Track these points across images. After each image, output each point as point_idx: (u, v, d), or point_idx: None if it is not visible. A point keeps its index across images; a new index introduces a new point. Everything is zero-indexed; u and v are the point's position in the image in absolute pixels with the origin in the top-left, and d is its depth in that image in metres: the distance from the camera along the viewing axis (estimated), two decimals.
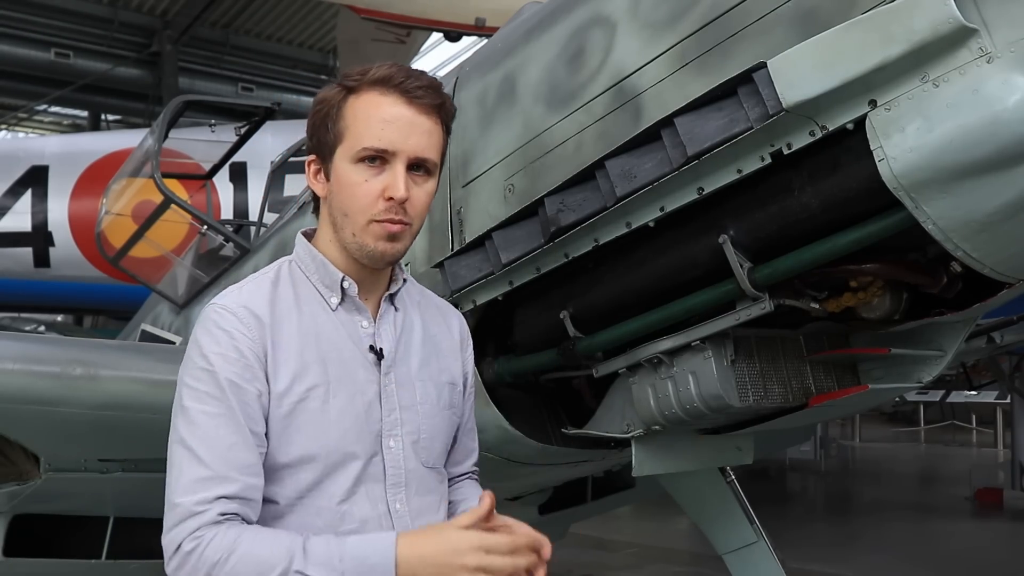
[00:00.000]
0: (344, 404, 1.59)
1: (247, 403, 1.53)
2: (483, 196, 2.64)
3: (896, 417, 28.25)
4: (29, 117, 18.10)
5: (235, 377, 1.53)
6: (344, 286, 1.64)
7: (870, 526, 11.33)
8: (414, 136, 1.57)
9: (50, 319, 13.90)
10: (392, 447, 1.63)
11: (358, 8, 11.20)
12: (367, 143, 1.56)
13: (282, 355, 1.57)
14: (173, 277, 5.52)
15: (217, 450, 1.49)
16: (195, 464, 1.49)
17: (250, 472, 1.51)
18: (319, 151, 1.64)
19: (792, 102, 1.81)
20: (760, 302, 2.10)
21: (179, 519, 1.46)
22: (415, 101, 1.58)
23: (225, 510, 1.46)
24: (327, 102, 1.62)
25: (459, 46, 12.48)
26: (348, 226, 1.60)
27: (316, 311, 1.63)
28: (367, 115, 1.57)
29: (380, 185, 1.57)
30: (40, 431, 2.83)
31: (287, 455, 1.56)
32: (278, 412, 1.56)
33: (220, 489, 1.47)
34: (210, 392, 1.52)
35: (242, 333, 1.55)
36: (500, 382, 2.72)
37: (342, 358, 1.61)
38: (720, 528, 3.63)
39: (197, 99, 7.63)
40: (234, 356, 1.54)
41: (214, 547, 1.43)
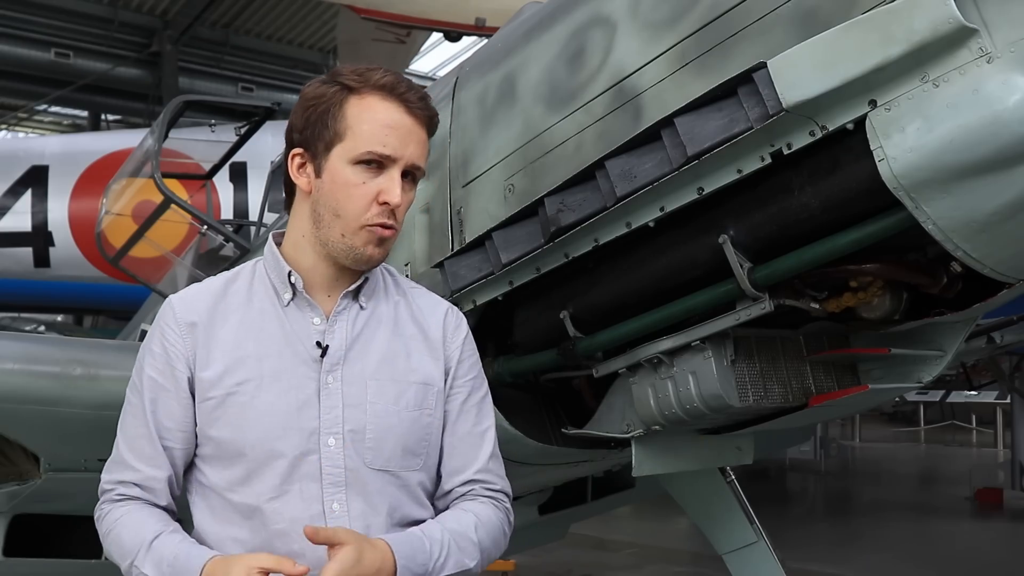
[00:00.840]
0: (272, 400, 1.61)
1: (161, 400, 1.66)
2: (483, 196, 2.64)
3: (896, 417, 28.27)
4: (29, 117, 18.09)
5: (155, 374, 1.66)
6: (292, 280, 1.66)
7: (870, 526, 11.33)
8: (412, 145, 1.63)
9: (50, 319, 13.89)
10: (331, 445, 1.61)
11: (358, 8, 11.20)
12: (372, 147, 1.60)
13: (216, 351, 1.64)
14: (173, 277, 5.53)
15: (126, 439, 1.69)
16: (115, 448, 1.70)
17: (150, 463, 1.66)
18: (309, 145, 1.65)
19: (792, 102, 1.81)
20: (760, 302, 2.10)
21: (99, 492, 1.71)
22: (414, 112, 1.63)
23: (125, 492, 1.67)
24: (324, 98, 1.64)
25: (459, 46, 12.48)
26: (338, 226, 1.63)
27: (265, 307, 1.68)
28: (372, 118, 1.61)
29: (375, 189, 1.61)
30: (40, 431, 2.83)
31: (212, 447, 1.64)
32: (204, 406, 1.63)
33: (123, 474, 1.67)
34: (135, 385, 1.70)
35: (173, 332, 1.66)
36: (500, 382, 2.72)
37: (281, 354, 1.64)
38: (720, 528, 3.63)
39: (197, 99, 7.63)
40: (160, 353, 1.66)
41: (105, 522, 1.67)
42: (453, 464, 1.76)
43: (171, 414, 1.65)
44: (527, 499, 3.84)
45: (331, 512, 1.60)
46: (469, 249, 2.57)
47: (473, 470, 1.77)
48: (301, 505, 1.59)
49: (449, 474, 1.76)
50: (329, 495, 1.61)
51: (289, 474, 1.60)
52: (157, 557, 1.58)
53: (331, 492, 1.61)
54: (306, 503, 1.59)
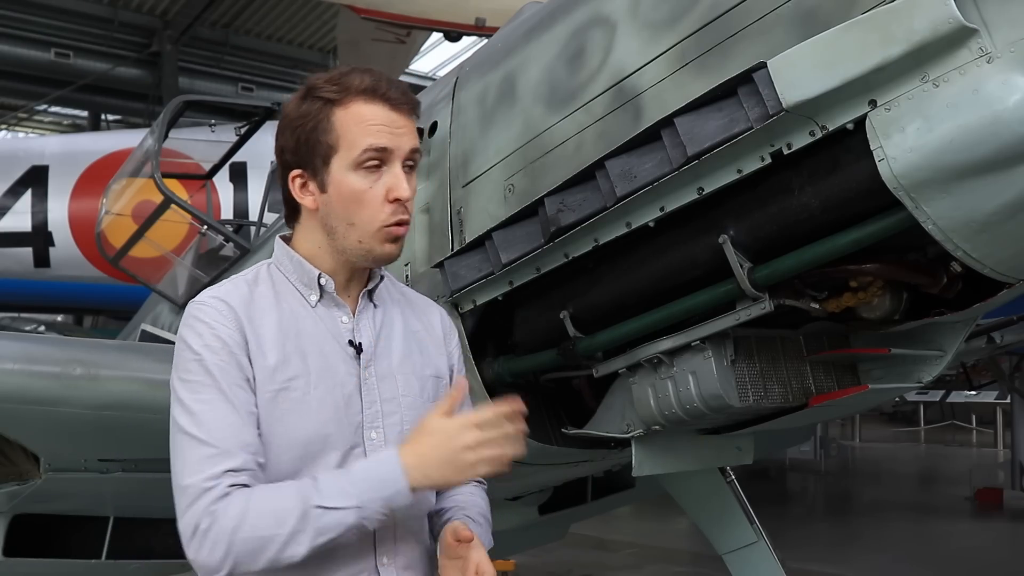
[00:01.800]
0: (324, 395, 1.64)
1: (237, 385, 1.58)
2: (483, 196, 2.64)
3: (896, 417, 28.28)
4: (29, 117, 18.08)
5: (223, 363, 1.59)
6: (322, 283, 1.70)
7: (870, 526, 11.34)
8: (403, 136, 1.67)
9: (50, 319, 13.90)
10: (374, 439, 1.67)
11: (358, 8, 11.20)
12: (369, 143, 1.63)
13: (264, 345, 1.62)
14: (173, 277, 5.52)
15: (217, 430, 1.54)
16: (198, 446, 1.53)
17: (250, 449, 1.56)
18: (306, 164, 1.68)
19: (792, 102, 1.81)
20: (760, 302, 2.10)
21: (192, 499, 1.51)
22: (398, 107, 1.67)
23: (234, 482, 1.51)
24: (310, 116, 1.66)
25: (459, 46, 12.48)
26: (354, 234, 1.66)
27: (296, 308, 1.69)
28: (360, 122, 1.64)
29: (383, 188, 1.65)
30: (40, 431, 2.83)
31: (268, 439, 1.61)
32: (263, 397, 1.61)
33: (226, 463, 1.52)
34: (201, 381, 1.58)
35: (220, 323, 1.61)
36: (500, 382, 2.72)
37: (322, 352, 1.66)
38: (720, 528, 3.63)
39: (197, 99, 7.61)
40: (217, 345, 1.59)
41: (228, 515, 1.48)
42: None
43: (250, 399, 1.59)
44: (527, 499, 3.84)
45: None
46: (469, 249, 2.57)
47: None
48: None
49: None
50: None
51: (339, 466, 1.63)
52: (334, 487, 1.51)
53: None
54: None
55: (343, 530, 1.51)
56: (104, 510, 3.26)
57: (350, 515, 1.50)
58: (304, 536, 1.48)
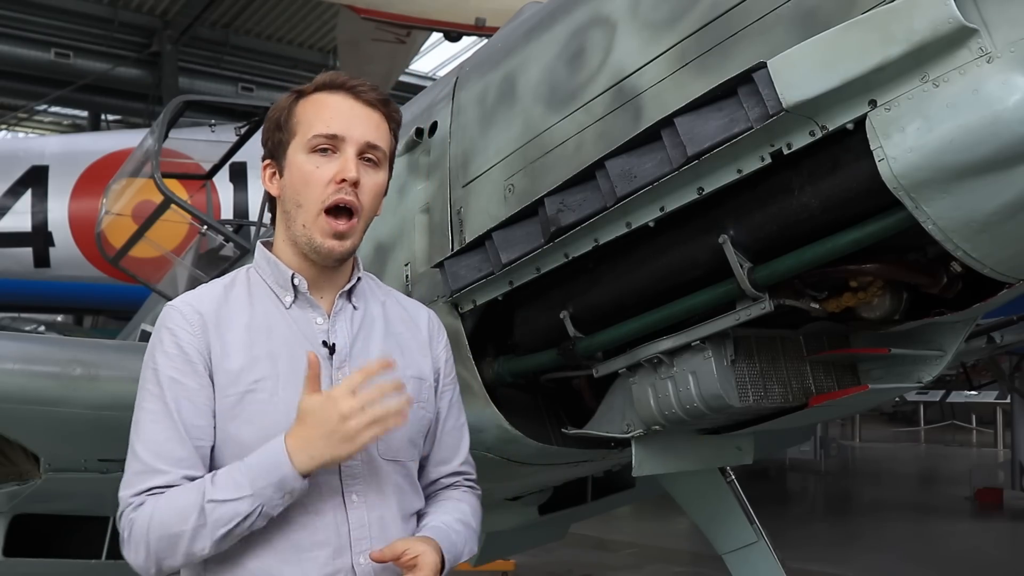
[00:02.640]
0: (292, 396, 1.64)
1: (185, 398, 1.63)
2: (483, 196, 2.64)
3: (896, 417, 28.29)
4: (29, 117, 18.08)
5: (175, 373, 1.64)
6: (295, 283, 1.72)
7: (870, 526, 11.34)
8: (361, 124, 1.69)
9: (50, 319, 13.90)
10: None
11: (358, 8, 11.20)
12: (317, 130, 1.68)
13: (231, 349, 1.66)
14: (173, 277, 5.52)
15: (151, 445, 1.62)
16: (133, 460, 1.64)
17: (182, 465, 1.61)
18: (273, 154, 1.75)
19: (792, 102, 1.81)
20: (760, 302, 2.10)
21: (120, 510, 1.63)
22: (360, 96, 1.71)
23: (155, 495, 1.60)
24: (279, 108, 1.75)
25: (459, 46, 12.49)
26: (300, 216, 1.69)
27: (269, 309, 1.72)
28: (316, 110, 1.70)
29: (332, 170, 1.67)
30: (40, 431, 2.83)
31: (235, 444, 1.64)
32: (224, 403, 1.64)
33: (151, 481, 1.60)
34: (151, 391, 1.65)
35: (183, 329, 1.66)
36: (500, 382, 2.72)
37: (293, 353, 1.68)
38: (720, 528, 3.63)
39: (197, 99, 7.61)
40: (174, 352, 1.65)
41: (141, 519, 1.58)
42: (441, 455, 1.88)
43: (199, 410, 1.64)
44: (527, 499, 3.84)
45: (351, 502, 1.66)
46: (469, 249, 2.57)
47: (458, 462, 1.91)
48: (321, 497, 1.64)
49: (436, 464, 1.88)
50: (348, 487, 1.67)
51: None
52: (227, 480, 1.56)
53: (349, 484, 1.67)
54: (326, 495, 1.64)
55: (241, 520, 1.54)
56: (104, 510, 3.26)
57: (243, 505, 1.54)
58: (205, 530, 1.54)
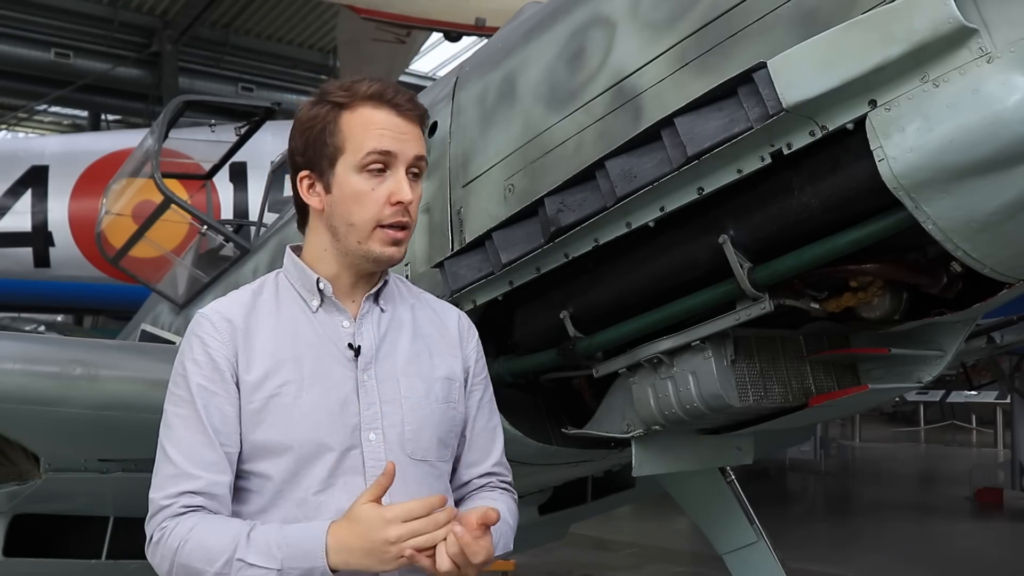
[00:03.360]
0: (317, 399, 1.66)
1: (214, 404, 1.65)
2: (483, 196, 2.64)
3: (896, 417, 28.28)
4: (29, 117, 18.09)
5: (204, 381, 1.66)
6: (320, 287, 1.74)
7: (870, 526, 11.34)
8: (409, 142, 1.71)
9: (50, 319, 13.90)
10: (372, 440, 1.68)
11: (358, 8, 11.21)
12: (373, 146, 1.67)
13: (256, 355, 1.68)
14: (173, 277, 5.53)
15: (183, 449, 1.64)
16: (166, 462, 1.65)
17: (213, 469, 1.63)
18: (314, 166, 1.73)
19: (792, 102, 1.81)
20: (760, 302, 2.10)
21: (152, 512, 1.63)
22: (405, 113, 1.71)
23: (189, 503, 1.61)
24: (319, 119, 1.72)
25: (459, 46, 12.50)
26: (353, 235, 1.70)
27: (296, 314, 1.74)
28: (366, 125, 1.69)
29: (385, 191, 1.68)
30: (40, 431, 2.83)
31: (260, 447, 1.66)
32: (250, 407, 1.66)
33: (184, 485, 1.62)
34: (182, 396, 1.67)
35: (212, 338, 1.68)
36: (500, 382, 2.71)
37: (318, 356, 1.70)
38: (720, 528, 3.63)
39: (197, 99, 7.62)
40: (203, 360, 1.67)
41: (174, 535, 1.58)
42: (472, 457, 1.88)
43: (225, 417, 1.66)
44: (527, 499, 3.84)
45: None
46: (469, 249, 2.57)
47: (490, 463, 1.89)
48: (345, 498, 1.63)
49: (467, 466, 1.87)
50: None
51: (335, 468, 1.66)
52: (262, 544, 1.55)
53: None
54: (350, 495, 1.63)
55: None
56: (104, 510, 3.26)
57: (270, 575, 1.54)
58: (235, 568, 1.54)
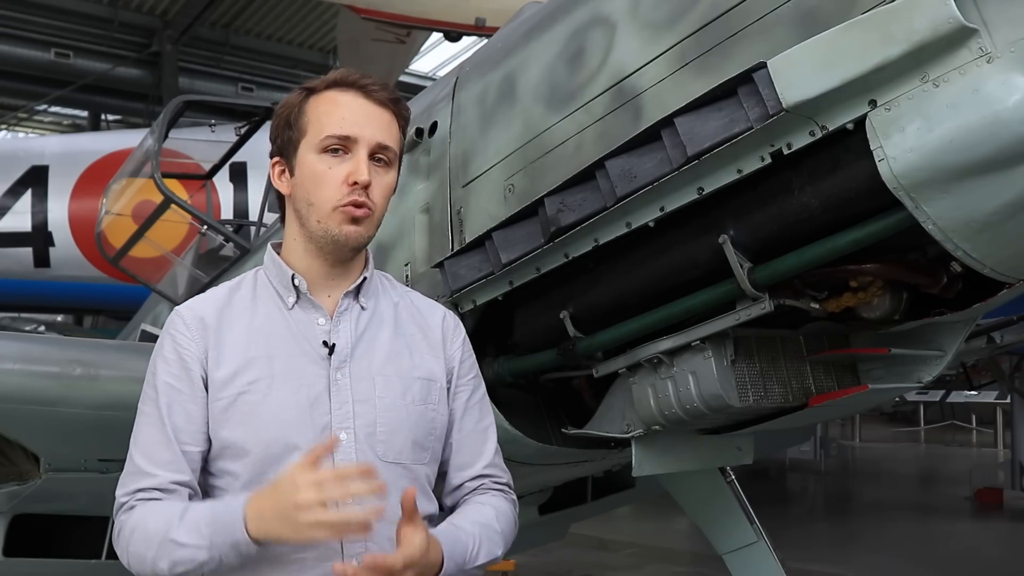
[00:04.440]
0: (286, 397, 1.65)
1: (179, 402, 1.66)
2: (483, 196, 2.64)
3: (896, 417, 28.28)
4: (29, 117, 18.08)
5: (171, 379, 1.67)
6: (296, 283, 1.72)
7: (870, 526, 11.33)
8: (373, 125, 1.68)
9: (50, 319, 13.89)
10: (343, 439, 1.65)
11: (358, 8, 11.20)
12: (330, 131, 1.67)
13: (226, 352, 1.67)
14: (173, 277, 5.52)
15: (142, 448, 1.67)
16: (129, 460, 1.69)
17: (169, 468, 1.64)
18: (283, 151, 1.75)
19: (792, 102, 1.81)
20: (760, 302, 2.10)
21: (115, 511, 1.66)
22: (372, 95, 1.69)
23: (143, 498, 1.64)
24: (288, 105, 1.74)
25: (459, 46, 12.49)
26: (313, 214, 1.69)
27: (271, 311, 1.72)
28: (328, 108, 1.69)
29: (344, 172, 1.66)
30: (40, 431, 2.83)
31: (228, 445, 1.65)
32: (218, 404, 1.65)
33: (141, 482, 1.64)
34: (149, 394, 1.70)
35: (183, 335, 1.69)
36: (500, 382, 2.72)
37: (290, 354, 1.68)
38: (720, 528, 3.63)
39: (197, 99, 7.62)
40: (173, 358, 1.68)
41: (127, 527, 1.62)
42: (461, 460, 1.83)
43: (189, 416, 1.66)
44: (527, 499, 3.84)
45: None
46: (469, 249, 2.57)
47: (481, 465, 1.84)
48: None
49: (457, 469, 1.83)
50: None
51: None
52: (191, 523, 1.55)
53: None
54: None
55: (197, 566, 1.55)
56: (104, 510, 3.23)
57: (201, 553, 1.54)
58: (163, 563, 1.56)
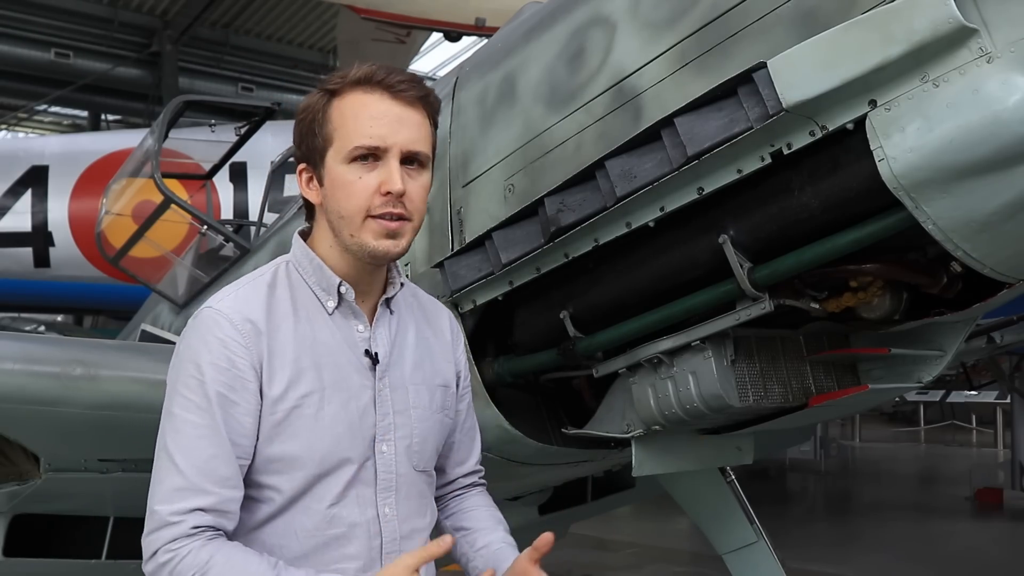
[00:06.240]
0: (338, 410, 1.60)
1: (234, 415, 1.54)
2: (483, 196, 2.64)
3: (896, 417, 28.27)
4: (29, 117, 18.08)
5: (224, 389, 1.53)
6: (342, 291, 1.64)
7: (870, 526, 11.33)
8: (404, 130, 1.58)
9: (50, 319, 13.89)
10: (385, 452, 1.64)
11: (358, 8, 11.21)
12: (358, 141, 1.56)
13: (277, 362, 1.57)
14: (173, 277, 5.52)
15: (196, 461, 1.51)
16: (174, 473, 1.50)
17: (227, 485, 1.52)
18: (309, 158, 1.63)
19: (792, 102, 1.81)
20: (760, 302, 2.11)
21: (156, 526, 1.49)
22: (400, 95, 1.59)
23: (199, 523, 1.48)
24: (311, 109, 1.62)
25: (459, 46, 12.49)
26: (346, 227, 1.59)
27: (313, 316, 1.63)
28: (355, 114, 1.58)
29: (376, 181, 1.56)
30: (40, 431, 2.83)
31: (277, 459, 1.58)
32: (272, 419, 1.56)
33: (196, 501, 1.49)
34: (198, 403, 1.53)
35: (237, 342, 1.55)
36: (500, 382, 2.72)
37: (337, 363, 1.61)
38: (720, 528, 3.63)
39: (197, 99, 7.61)
40: (225, 366, 1.54)
41: (187, 564, 1.46)
42: (459, 456, 1.89)
43: (244, 430, 1.55)
44: (527, 499, 3.84)
45: (384, 516, 1.63)
46: (469, 249, 2.57)
47: (474, 462, 1.93)
48: (357, 510, 1.61)
49: (455, 465, 1.89)
50: (382, 499, 1.64)
51: (352, 480, 1.61)
52: None
53: (383, 496, 1.64)
54: (362, 508, 1.61)
55: None
56: (104, 510, 3.25)
57: None
58: None
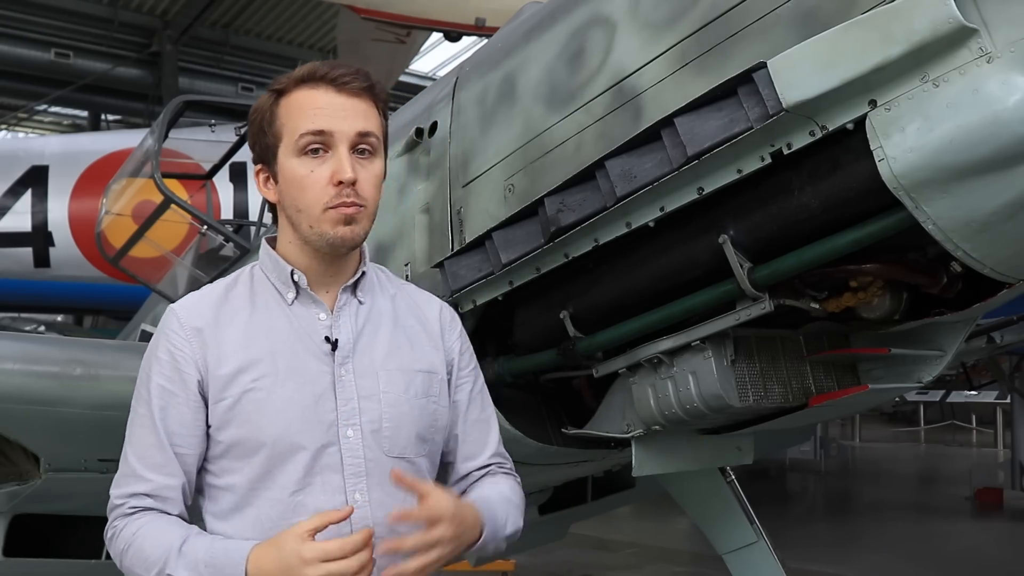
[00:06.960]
0: (291, 395, 1.62)
1: (172, 405, 1.64)
2: (483, 196, 2.64)
3: (896, 417, 28.29)
4: (29, 117, 18.08)
5: (164, 381, 1.65)
6: (295, 279, 1.69)
7: (870, 526, 11.34)
8: (350, 117, 1.62)
9: (50, 319, 13.89)
10: (350, 436, 1.64)
11: (358, 8, 11.20)
12: (304, 128, 1.61)
13: (226, 351, 1.64)
14: (173, 277, 5.52)
15: (137, 450, 1.66)
16: (123, 461, 1.67)
17: (163, 472, 1.63)
18: (263, 158, 1.69)
19: (792, 102, 1.81)
20: (760, 302, 2.10)
21: (108, 509, 1.67)
22: (344, 87, 1.63)
23: (138, 504, 1.63)
24: (260, 110, 1.68)
25: (459, 46, 12.49)
26: (304, 220, 1.64)
27: (271, 306, 1.69)
28: (300, 107, 1.63)
29: (327, 172, 1.61)
30: (40, 431, 2.83)
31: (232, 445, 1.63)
32: (219, 407, 1.63)
33: (136, 487, 1.64)
34: (141, 395, 1.68)
35: (177, 335, 1.66)
36: (500, 382, 2.72)
37: (293, 350, 1.65)
38: (720, 528, 3.63)
39: (197, 99, 7.60)
40: (165, 359, 1.66)
41: (121, 538, 1.62)
42: (467, 450, 1.84)
43: (182, 419, 1.63)
44: (527, 499, 3.84)
45: (354, 502, 1.62)
46: (469, 249, 2.57)
47: (487, 455, 1.86)
48: (323, 497, 1.61)
49: (464, 459, 1.84)
50: (351, 485, 1.63)
51: (311, 466, 1.62)
52: (191, 560, 1.54)
53: (353, 483, 1.64)
54: (328, 494, 1.61)
55: None
56: (104, 510, 3.25)
57: None
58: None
